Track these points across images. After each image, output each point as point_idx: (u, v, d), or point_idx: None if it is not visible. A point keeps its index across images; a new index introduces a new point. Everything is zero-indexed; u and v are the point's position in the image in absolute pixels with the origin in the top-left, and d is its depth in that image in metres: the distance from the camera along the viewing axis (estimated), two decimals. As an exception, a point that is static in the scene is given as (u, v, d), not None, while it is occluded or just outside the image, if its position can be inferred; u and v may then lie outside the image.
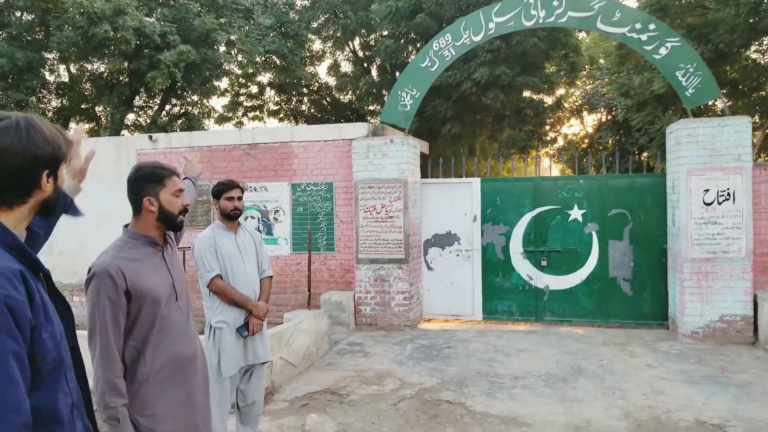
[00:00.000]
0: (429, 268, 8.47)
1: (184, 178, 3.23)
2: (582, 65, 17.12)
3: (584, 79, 19.55)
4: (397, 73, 17.76)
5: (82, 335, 2.10)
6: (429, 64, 7.90)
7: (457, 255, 8.34)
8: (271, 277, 3.99)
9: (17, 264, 1.33)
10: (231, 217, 3.76)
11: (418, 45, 16.83)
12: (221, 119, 20.04)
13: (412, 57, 17.14)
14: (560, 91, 18.10)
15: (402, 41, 16.55)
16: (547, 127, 17.68)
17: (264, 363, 3.90)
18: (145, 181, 2.30)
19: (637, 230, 7.66)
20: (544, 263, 7.98)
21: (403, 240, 7.75)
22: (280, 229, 8.58)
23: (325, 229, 8.42)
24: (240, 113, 20.82)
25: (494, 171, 17.68)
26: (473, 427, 4.41)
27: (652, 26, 7.02)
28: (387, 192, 7.80)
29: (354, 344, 7.05)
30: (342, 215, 8.34)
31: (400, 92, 8.01)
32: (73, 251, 9.34)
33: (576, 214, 7.89)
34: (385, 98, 18.74)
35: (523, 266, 8.09)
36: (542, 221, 8.00)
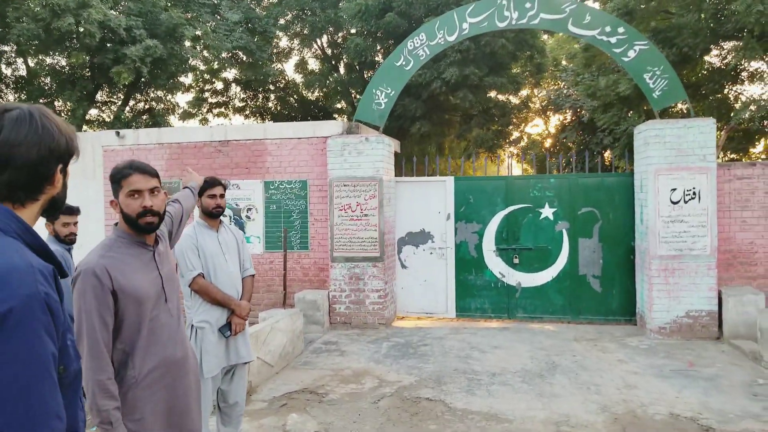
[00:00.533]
0: (403, 266, 8.50)
1: (183, 188, 3.19)
2: (547, 66, 17.45)
3: (548, 80, 19.95)
4: (365, 72, 17.78)
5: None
6: (404, 63, 7.92)
7: (431, 253, 8.39)
8: (253, 275, 3.94)
9: (45, 263, 1.23)
10: (213, 215, 3.69)
11: (388, 44, 16.88)
12: (185, 115, 19.66)
13: (381, 56, 17.29)
14: (525, 92, 18.42)
15: (371, 40, 16.56)
16: (511, 127, 17.95)
17: (246, 363, 3.85)
18: (112, 182, 2.24)
19: (606, 228, 7.85)
20: (516, 261, 8.09)
21: (378, 238, 7.75)
22: (252, 228, 8.47)
23: (299, 227, 8.35)
24: (205, 110, 20.48)
25: (462, 170, 17.89)
26: (455, 423, 4.44)
27: (621, 29, 7.20)
28: (362, 190, 7.79)
29: (329, 343, 7.02)
30: (316, 213, 8.28)
31: (374, 91, 8.00)
32: (34, 251, 9.02)
33: (547, 212, 8.03)
34: (354, 97, 18.84)
35: (495, 264, 8.19)
36: (514, 219, 8.12)
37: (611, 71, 11.66)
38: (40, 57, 14.51)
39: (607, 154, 14.65)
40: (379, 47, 16.82)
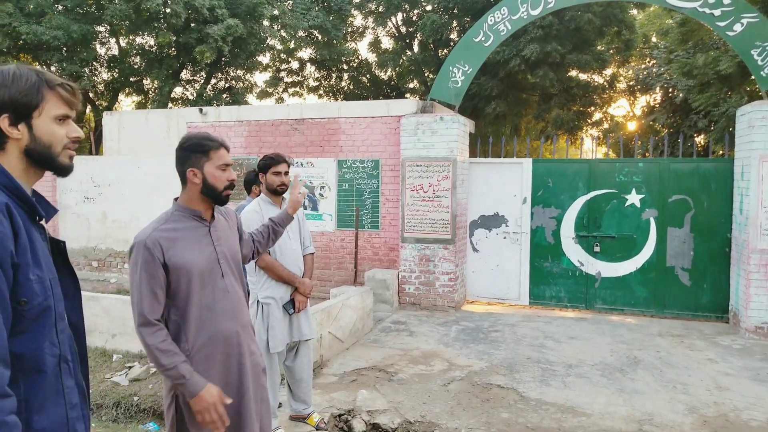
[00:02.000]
0: (474, 249, 8.29)
1: (270, 220, 2.83)
2: (636, 43, 16.44)
3: (636, 58, 18.81)
4: (440, 50, 17.44)
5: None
6: (483, 39, 7.63)
7: (504, 237, 8.13)
8: (313, 253, 3.92)
9: (5, 197, 1.30)
10: (277, 192, 3.67)
11: (464, 20, 16.44)
12: (262, 94, 20.07)
13: (456, 33, 16.89)
14: (610, 71, 17.45)
15: (447, 17, 16.17)
16: (592, 108, 17.10)
17: (308, 340, 3.84)
18: (190, 152, 2.21)
19: (699, 218, 7.29)
20: (596, 249, 7.70)
21: (450, 220, 7.58)
22: (325, 205, 8.51)
23: (370, 206, 8.31)
24: (280, 89, 20.82)
25: (538, 152, 17.26)
26: (528, 413, 4.27)
27: (726, 0, 6.58)
28: (435, 171, 7.62)
29: (398, 323, 6.97)
30: (387, 193, 8.20)
31: (451, 68, 7.77)
32: (124, 220, 9.49)
33: (633, 198, 7.56)
34: (426, 76, 18.56)
35: (574, 251, 7.83)
36: (597, 205, 7.71)
37: (711, 48, 10.78)
38: (131, 37, 15.17)
39: (701, 138, 13.67)
40: (455, 24, 16.42)
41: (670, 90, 14.79)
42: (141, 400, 5.02)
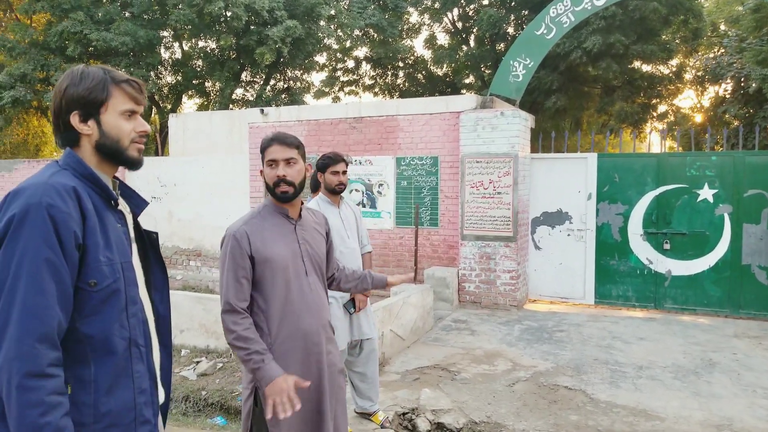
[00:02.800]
0: (537, 247, 8.12)
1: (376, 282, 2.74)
2: (705, 32, 15.67)
3: (705, 47, 17.92)
4: (497, 45, 17.16)
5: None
6: (545, 32, 7.45)
7: (568, 235, 7.92)
8: (371, 252, 3.93)
9: (73, 181, 1.35)
10: (335, 192, 3.69)
11: (522, 14, 16.13)
12: (319, 94, 20.34)
13: (513, 27, 16.58)
14: (677, 61, 16.70)
15: (504, 11, 15.90)
16: (657, 100, 16.41)
17: (369, 339, 3.84)
18: (261, 152, 2.32)
19: (778, 213, 6.88)
20: (666, 246, 7.39)
21: (512, 217, 7.45)
22: (383, 203, 8.54)
23: (429, 203, 8.27)
24: (336, 88, 21.02)
25: (600, 146, 16.74)
26: (598, 416, 4.14)
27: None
28: (495, 167, 7.50)
29: (459, 321, 6.90)
30: (447, 190, 8.14)
31: (512, 62, 7.63)
32: (188, 219, 9.82)
33: (706, 193, 7.21)
34: (483, 71, 18.31)
35: (642, 249, 7.54)
36: (666, 201, 7.39)
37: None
38: (194, 41, 15.68)
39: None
40: (512, 18, 16.13)
41: (742, 80, 14.02)
42: (209, 395, 5.17)
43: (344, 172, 3.67)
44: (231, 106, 15.92)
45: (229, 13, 12.35)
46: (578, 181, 7.81)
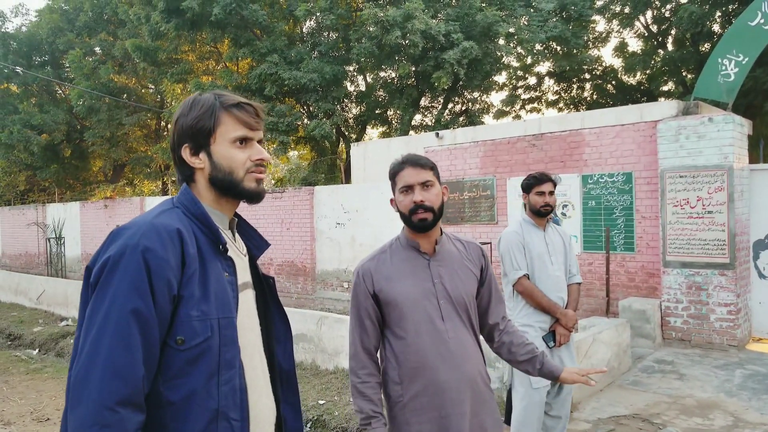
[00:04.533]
0: (761, 275, 6.79)
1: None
2: None
3: None
4: (700, 45, 15.23)
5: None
6: (762, 22, 6.31)
7: (805, 260, 6.49)
8: (580, 283, 3.45)
9: (182, 222, 1.23)
10: (541, 214, 3.35)
11: (728, 8, 14.11)
12: (499, 114, 19.92)
13: (719, 24, 14.57)
14: None
15: (707, 6, 14.07)
16: None
17: None
18: (390, 180, 2.05)
19: None
20: None
21: (727, 240, 6.32)
22: (568, 225, 7.85)
23: (623, 226, 7.40)
24: (518, 107, 20.41)
25: None
26: None
27: None
28: (704, 182, 6.46)
29: (663, 362, 5.98)
30: (643, 210, 7.22)
31: (720, 60, 6.57)
32: (370, 243, 10.11)
33: None
34: (684, 75, 16.35)
35: None
36: None
37: None
38: (375, 72, 16.42)
39: None
40: (718, 14, 14.21)
41: None
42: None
43: (551, 193, 3.35)
44: (411, 132, 16.30)
45: (406, 42, 12.66)
46: (818, 195, 6.39)
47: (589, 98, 19.63)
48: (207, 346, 1.18)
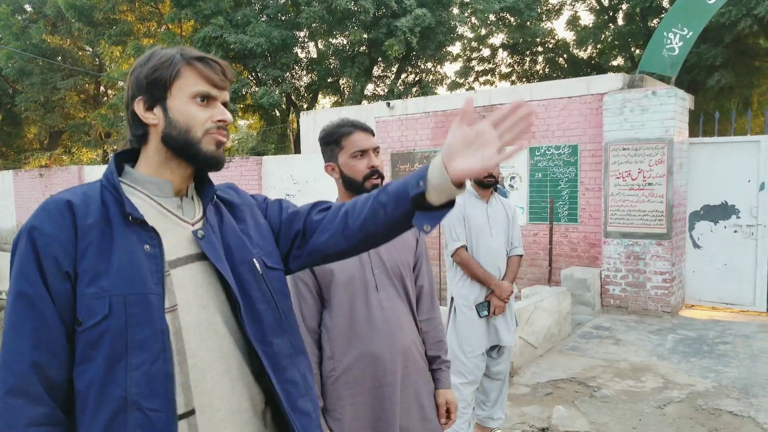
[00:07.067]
0: (695, 245, 7.09)
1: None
2: None
3: None
4: (649, 20, 15.54)
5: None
6: (706, -5, 6.43)
7: (735, 231, 6.81)
8: (521, 256, 3.49)
9: (73, 196, 1.11)
10: (484, 185, 3.35)
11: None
12: (453, 86, 19.90)
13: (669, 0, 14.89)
14: None
15: (658, -19, 14.33)
16: None
17: (508, 347, 3.44)
18: (324, 145, 1.95)
19: None
20: None
21: (665, 211, 6.55)
22: (515, 197, 7.97)
23: (567, 197, 7.57)
24: (471, 78, 20.43)
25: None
26: (778, 457, 3.38)
27: None
28: (646, 154, 6.64)
29: (601, 328, 6.21)
30: (587, 182, 7.39)
31: (666, 33, 6.71)
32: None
33: None
34: (633, 51, 16.69)
35: (834, 248, 6.26)
36: None
37: None
38: (327, 39, 16.08)
39: None
40: (668, -11, 14.50)
41: None
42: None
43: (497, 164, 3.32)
44: (364, 102, 16.11)
45: (357, 7, 12.40)
46: (748, 168, 6.68)
47: (541, 71, 19.81)
48: (106, 327, 1.05)
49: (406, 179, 1.16)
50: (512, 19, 17.13)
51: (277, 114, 17.26)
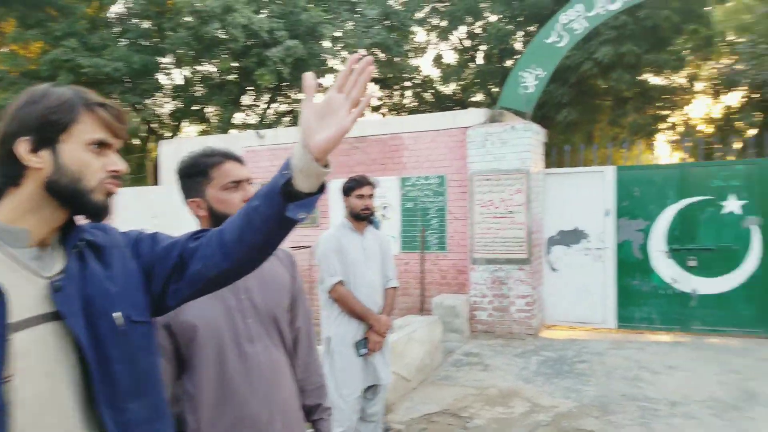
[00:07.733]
0: (552, 269, 7.60)
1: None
2: (717, 40, 15.19)
3: (717, 54, 17.40)
4: (505, 60, 16.82)
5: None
6: (556, 40, 7.04)
7: (586, 254, 7.40)
8: (396, 288, 3.45)
9: None
10: (360, 217, 3.29)
11: (529, 29, 15.79)
12: (326, 116, 20.04)
13: (522, 43, 16.25)
14: (688, 70, 16.22)
15: (512, 25, 15.61)
16: (668, 111, 15.92)
17: (384, 385, 3.37)
18: (187, 178, 1.69)
19: (816, 226, 6.33)
20: (692, 263, 6.84)
21: (525, 238, 6.95)
22: (388, 227, 8.07)
23: (437, 226, 7.80)
24: (343, 110, 20.71)
25: (612, 160, 16.21)
26: (631, 469, 3.60)
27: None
28: (507, 184, 7.04)
29: (471, 354, 6.38)
30: (455, 211, 7.67)
31: (521, 73, 7.21)
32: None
33: (733, 205, 6.68)
34: (490, 88, 17.95)
35: (666, 267, 7.00)
36: (690, 214, 6.87)
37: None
38: (194, 66, 15.50)
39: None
40: (520, 33, 15.82)
41: (758, 87, 13.48)
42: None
43: (371, 196, 3.28)
44: (231, 131, 15.66)
45: (227, 35, 12.11)
46: (595, 196, 7.32)
47: (409, 105, 20.64)
48: None
49: (274, 176, 1.11)
50: (382, 55, 17.71)
51: (139, 142, 16.22)
